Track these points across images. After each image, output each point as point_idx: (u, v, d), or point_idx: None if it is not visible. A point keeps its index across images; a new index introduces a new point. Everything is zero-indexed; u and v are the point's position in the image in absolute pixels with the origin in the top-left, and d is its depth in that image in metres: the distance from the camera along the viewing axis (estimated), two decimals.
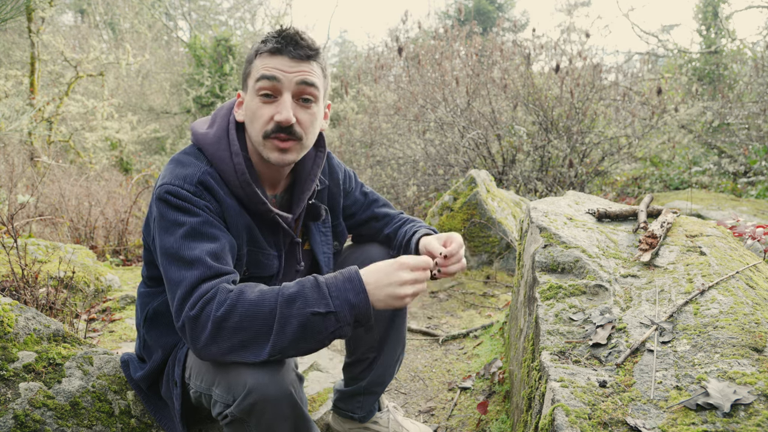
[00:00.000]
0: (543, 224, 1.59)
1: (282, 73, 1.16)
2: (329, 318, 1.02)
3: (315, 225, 1.43)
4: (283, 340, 1.01)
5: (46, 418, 1.24)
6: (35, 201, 4.43)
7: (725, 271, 1.28)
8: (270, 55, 1.17)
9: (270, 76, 1.16)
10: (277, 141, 1.19)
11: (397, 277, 1.07)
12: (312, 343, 1.04)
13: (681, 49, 11.62)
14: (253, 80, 1.19)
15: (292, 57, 1.17)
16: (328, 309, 1.02)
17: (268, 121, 1.18)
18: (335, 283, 1.05)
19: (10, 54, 10.64)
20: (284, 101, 1.17)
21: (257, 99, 1.19)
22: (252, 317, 1.01)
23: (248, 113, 1.21)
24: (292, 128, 1.18)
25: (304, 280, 1.07)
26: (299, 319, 1.01)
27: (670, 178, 7.67)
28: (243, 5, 17.86)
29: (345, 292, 1.04)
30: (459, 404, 1.89)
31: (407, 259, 1.09)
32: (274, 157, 1.21)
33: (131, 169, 10.82)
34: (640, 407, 0.93)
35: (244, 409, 1.03)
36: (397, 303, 1.07)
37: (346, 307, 1.03)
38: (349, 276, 1.06)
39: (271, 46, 1.17)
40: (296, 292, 1.04)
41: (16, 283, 2.23)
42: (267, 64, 1.17)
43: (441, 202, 3.76)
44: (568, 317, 1.23)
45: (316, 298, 1.03)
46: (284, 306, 1.02)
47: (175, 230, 1.12)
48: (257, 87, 1.18)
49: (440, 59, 6.57)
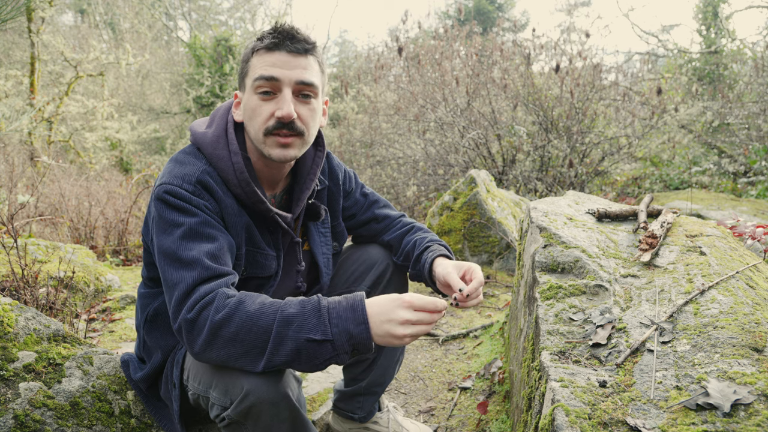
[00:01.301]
0: (543, 224, 1.59)
1: (281, 71, 1.16)
2: (325, 346, 0.99)
3: (314, 226, 1.43)
4: (277, 359, 1.00)
5: (46, 418, 1.24)
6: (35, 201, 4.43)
7: (725, 271, 1.28)
8: (267, 52, 1.17)
9: (269, 76, 1.15)
10: (278, 137, 1.18)
11: (397, 315, 1.01)
12: (307, 366, 1.01)
13: (681, 49, 11.62)
14: (252, 79, 1.18)
15: (289, 51, 1.16)
16: (325, 337, 0.99)
17: (268, 118, 1.17)
18: (337, 309, 1.02)
19: (10, 54, 10.64)
20: (285, 97, 1.16)
21: (256, 97, 1.18)
22: (248, 330, 0.99)
23: (247, 111, 1.21)
24: (293, 123, 1.18)
25: (307, 301, 1.04)
26: (294, 343, 0.99)
27: (670, 178, 7.67)
28: (243, 5, 17.86)
29: (345, 321, 1.00)
30: (459, 404, 1.89)
31: (413, 298, 1.03)
32: (276, 154, 1.19)
33: (131, 169, 10.82)
34: (640, 407, 0.93)
35: (241, 412, 1.02)
36: (394, 342, 1.02)
37: (344, 337, 1.00)
38: (353, 304, 1.02)
39: (268, 42, 1.16)
40: (295, 313, 1.01)
41: (16, 283, 2.23)
42: (265, 62, 1.16)
43: (441, 202, 3.76)
44: (568, 317, 1.22)
45: (314, 323, 0.99)
46: (281, 325, 0.99)
47: (173, 231, 1.11)
48: (256, 85, 1.17)
49: (440, 59, 6.58)
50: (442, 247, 1.42)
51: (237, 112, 1.26)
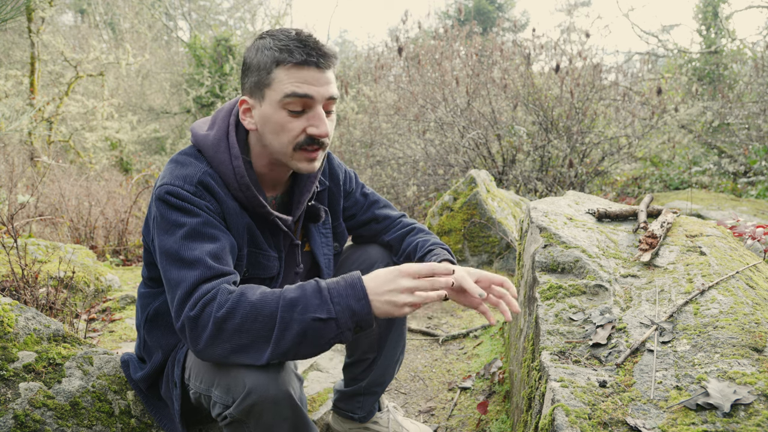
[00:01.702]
0: (543, 224, 1.59)
1: (315, 89, 1.13)
2: (330, 324, 1.01)
3: (315, 226, 1.43)
4: (283, 345, 1.01)
5: (46, 418, 1.24)
6: (35, 201, 4.43)
7: (725, 271, 1.28)
8: (297, 67, 1.11)
9: (303, 94, 1.12)
10: (307, 152, 1.19)
11: (396, 284, 1.04)
12: (313, 348, 1.03)
13: (681, 49, 11.62)
14: (280, 94, 1.13)
15: (319, 68, 1.13)
16: (329, 315, 1.01)
17: (299, 134, 1.16)
18: (337, 288, 1.04)
19: (10, 54, 10.64)
20: (319, 115, 1.15)
21: (284, 113, 1.15)
22: (253, 319, 1.01)
23: (271, 125, 1.17)
24: (323, 139, 1.18)
25: (306, 284, 1.06)
26: (300, 325, 1.00)
27: (670, 178, 7.66)
28: (243, 5, 17.86)
29: (347, 298, 1.02)
30: (459, 404, 1.89)
31: (410, 266, 1.06)
32: (304, 167, 1.21)
33: (131, 169, 10.82)
34: (640, 407, 0.93)
35: (243, 410, 1.03)
36: (395, 311, 1.04)
37: (347, 314, 1.02)
38: (352, 281, 1.05)
39: (299, 58, 1.11)
40: (298, 296, 1.03)
41: (16, 283, 2.23)
42: (296, 78, 1.12)
43: (441, 202, 3.76)
44: (568, 317, 1.23)
45: (317, 303, 1.02)
46: (285, 310, 1.01)
47: (174, 231, 1.11)
48: (286, 102, 1.13)
49: (440, 59, 6.58)
50: (445, 251, 1.42)
51: (249, 120, 1.21)
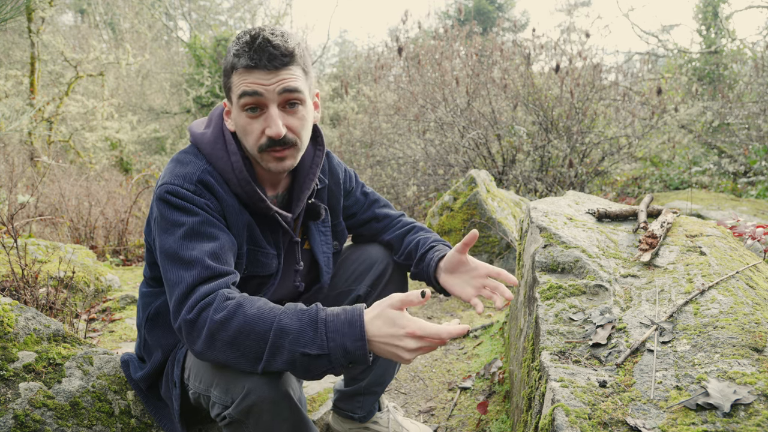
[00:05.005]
0: (543, 224, 1.59)
1: (262, 87, 1.13)
2: (321, 359, 0.99)
3: (315, 225, 1.43)
4: (275, 366, 1.00)
5: (46, 418, 1.24)
6: (35, 201, 4.43)
7: (725, 271, 1.28)
8: (246, 71, 1.13)
9: (251, 91, 1.13)
10: (273, 153, 1.18)
11: (402, 343, 1.00)
12: (303, 376, 1.02)
13: (681, 49, 11.62)
14: (236, 95, 1.16)
15: (268, 70, 1.13)
16: (321, 351, 0.98)
17: (259, 136, 1.17)
18: (335, 323, 1.00)
19: (10, 54, 10.64)
20: (271, 115, 1.14)
21: (244, 114, 1.16)
22: (246, 335, 0.99)
23: (238, 127, 1.20)
24: (285, 138, 1.17)
25: (304, 312, 1.02)
26: (290, 355, 0.99)
27: (670, 178, 7.66)
28: (243, 5, 17.85)
29: (342, 336, 0.99)
30: (459, 404, 1.89)
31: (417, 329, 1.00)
32: (273, 167, 1.20)
33: (131, 169, 10.82)
34: (640, 407, 0.93)
35: (242, 411, 1.03)
36: (397, 361, 1.03)
37: (340, 352, 0.98)
38: (351, 319, 1.00)
39: (245, 63, 1.12)
40: (291, 324, 1.00)
41: (16, 283, 2.23)
42: (245, 80, 1.13)
43: (441, 202, 3.76)
44: (568, 317, 1.22)
45: (310, 337, 0.99)
46: (277, 336, 0.99)
47: (174, 230, 1.12)
48: (241, 103, 1.15)
49: (440, 59, 6.57)
50: (447, 247, 1.43)
51: (229, 122, 1.24)
